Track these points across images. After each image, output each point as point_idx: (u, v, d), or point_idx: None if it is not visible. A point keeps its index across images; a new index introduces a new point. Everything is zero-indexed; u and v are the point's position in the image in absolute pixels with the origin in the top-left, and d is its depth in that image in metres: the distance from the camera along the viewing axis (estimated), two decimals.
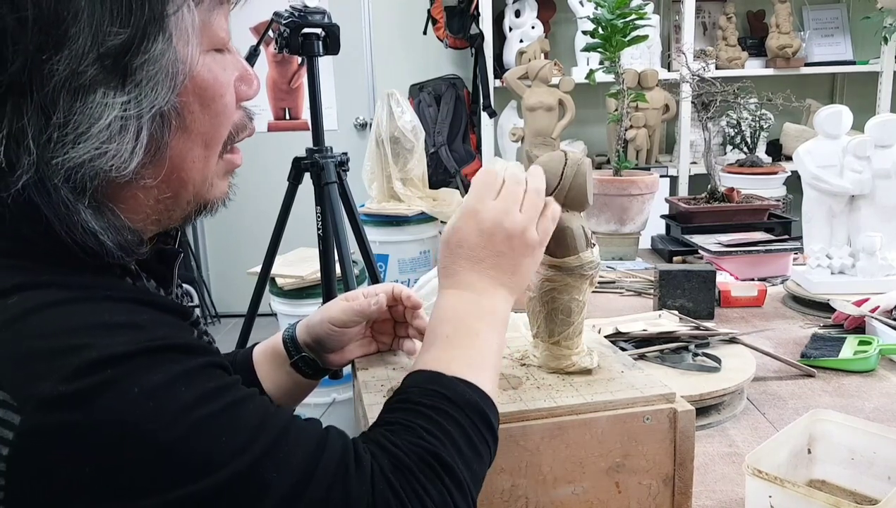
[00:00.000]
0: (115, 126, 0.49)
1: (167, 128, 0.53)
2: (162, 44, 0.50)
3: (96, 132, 0.49)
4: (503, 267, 0.67)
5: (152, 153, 0.53)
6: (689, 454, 0.68)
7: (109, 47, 0.48)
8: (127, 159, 0.51)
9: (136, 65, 0.50)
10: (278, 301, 2.63)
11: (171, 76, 0.51)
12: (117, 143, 0.50)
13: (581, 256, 0.72)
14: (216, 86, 0.56)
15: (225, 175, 0.63)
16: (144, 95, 0.50)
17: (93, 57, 0.48)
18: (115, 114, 0.49)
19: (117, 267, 0.56)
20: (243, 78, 0.60)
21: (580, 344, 0.75)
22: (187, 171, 0.57)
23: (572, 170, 0.71)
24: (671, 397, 0.68)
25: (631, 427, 0.66)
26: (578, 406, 0.67)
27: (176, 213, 0.59)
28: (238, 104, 0.60)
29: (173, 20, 0.51)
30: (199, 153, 0.57)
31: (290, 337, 0.85)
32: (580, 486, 0.66)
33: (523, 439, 0.65)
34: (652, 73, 2.49)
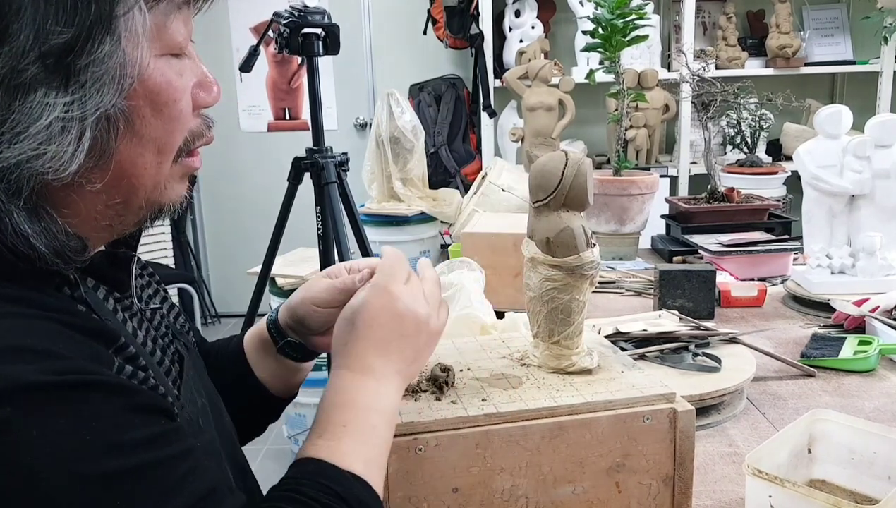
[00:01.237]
0: (55, 127, 0.47)
1: (113, 131, 0.51)
2: (109, 45, 0.48)
3: (34, 132, 0.47)
4: (405, 354, 0.65)
5: (97, 156, 0.51)
6: (689, 454, 0.67)
7: (52, 46, 0.46)
8: (67, 162, 0.48)
9: (80, 65, 0.48)
10: (278, 301, 2.62)
11: (118, 79, 0.49)
12: (57, 145, 0.48)
13: (581, 256, 0.72)
14: (169, 91, 0.54)
15: (182, 178, 0.60)
16: (89, 97, 0.48)
17: (34, 55, 0.46)
18: (56, 114, 0.47)
19: (55, 276, 0.54)
20: (202, 84, 0.58)
21: (580, 344, 0.75)
22: (138, 177, 0.54)
23: (573, 169, 0.71)
24: (671, 397, 0.68)
25: (631, 426, 0.66)
26: (578, 405, 0.67)
27: (128, 218, 0.57)
28: (196, 111, 0.58)
29: (122, 21, 0.49)
30: (151, 158, 0.55)
31: (272, 321, 0.81)
32: (580, 486, 0.66)
33: (523, 439, 0.65)
34: (652, 72, 2.49)
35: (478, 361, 0.78)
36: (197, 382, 0.67)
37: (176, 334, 0.70)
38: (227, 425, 0.72)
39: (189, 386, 0.64)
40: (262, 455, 2.78)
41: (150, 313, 0.67)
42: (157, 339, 0.64)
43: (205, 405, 0.66)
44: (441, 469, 0.64)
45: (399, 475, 0.63)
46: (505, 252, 1.36)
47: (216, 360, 0.83)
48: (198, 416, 0.62)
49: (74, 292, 0.55)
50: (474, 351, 0.81)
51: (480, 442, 0.64)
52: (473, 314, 1.08)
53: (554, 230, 0.72)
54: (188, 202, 0.63)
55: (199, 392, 0.66)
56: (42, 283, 0.52)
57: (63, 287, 0.54)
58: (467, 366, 0.77)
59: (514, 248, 1.36)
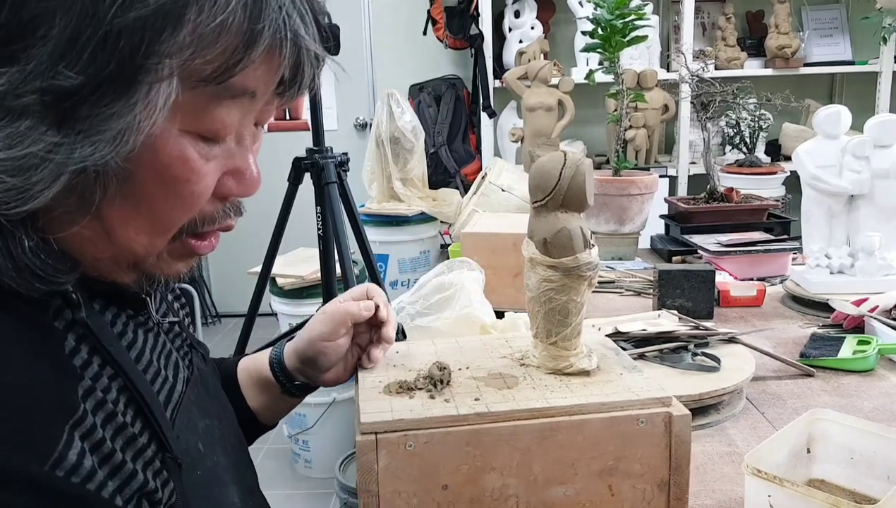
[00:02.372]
0: (28, 161, 0.44)
1: (99, 186, 0.47)
2: (120, 106, 0.44)
3: (1, 158, 0.43)
4: None
5: (74, 203, 0.47)
6: (685, 459, 0.66)
7: (53, 85, 0.43)
8: (23, 200, 0.44)
9: (81, 114, 0.44)
10: (278, 301, 2.63)
11: (119, 141, 0.45)
12: (21, 179, 0.44)
13: (578, 257, 0.71)
14: (182, 169, 0.49)
15: (182, 257, 0.57)
16: (80, 146, 0.44)
17: (35, 86, 0.43)
18: (36, 150, 0.44)
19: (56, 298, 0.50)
20: (239, 173, 0.54)
21: (578, 345, 0.74)
22: (126, 240, 0.51)
23: (570, 170, 0.71)
24: (667, 401, 0.67)
25: (625, 429, 0.66)
26: (571, 407, 0.66)
27: (119, 276, 0.54)
28: (218, 197, 0.54)
29: (145, 89, 0.44)
30: (144, 228, 0.51)
31: (278, 363, 0.82)
32: (572, 488, 0.66)
33: (513, 439, 0.65)
34: (651, 73, 2.49)
35: (477, 360, 0.78)
36: (204, 400, 0.66)
37: (194, 344, 0.69)
38: (234, 442, 0.71)
39: (190, 410, 0.61)
40: (262, 454, 2.78)
41: (168, 325, 0.65)
42: (171, 354, 0.62)
43: (209, 425, 0.64)
44: (431, 466, 0.64)
45: (389, 470, 0.63)
46: (505, 252, 1.37)
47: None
48: (197, 442, 0.60)
49: (76, 315, 0.51)
50: (476, 350, 0.82)
51: (470, 441, 0.64)
52: (473, 314, 1.08)
53: (551, 231, 0.72)
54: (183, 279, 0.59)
55: (203, 412, 0.64)
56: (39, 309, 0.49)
57: (63, 310, 0.51)
58: (466, 365, 0.77)
59: (514, 248, 1.36)
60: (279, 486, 2.55)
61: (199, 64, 0.46)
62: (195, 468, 0.58)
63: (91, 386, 0.49)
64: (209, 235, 0.56)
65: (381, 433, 0.64)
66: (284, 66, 0.51)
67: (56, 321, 0.50)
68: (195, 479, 0.57)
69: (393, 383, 0.72)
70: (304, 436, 2.58)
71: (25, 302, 0.48)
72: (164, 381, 0.59)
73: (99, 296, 0.55)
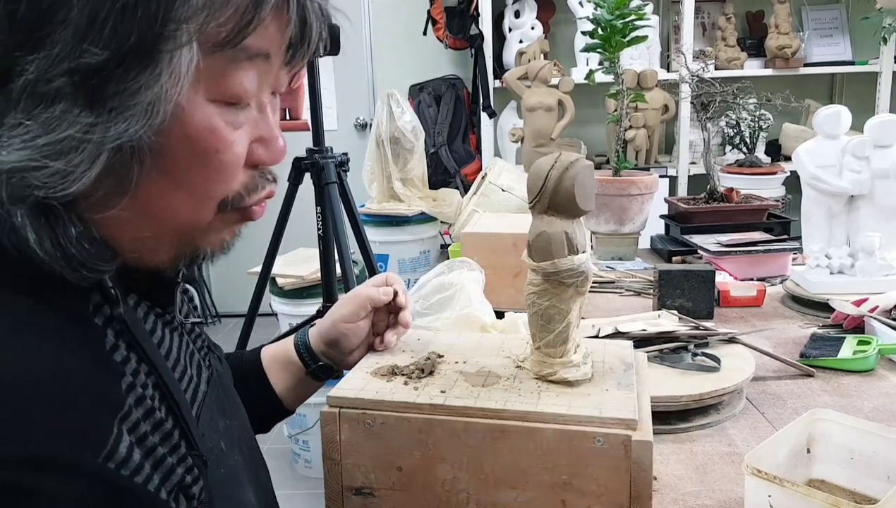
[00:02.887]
0: (67, 144, 0.45)
1: (136, 163, 0.48)
2: (146, 77, 0.45)
3: (41, 144, 0.45)
4: None
5: (113, 184, 0.48)
6: (645, 488, 0.63)
7: (81, 64, 0.44)
8: (69, 182, 0.46)
9: (109, 91, 0.45)
10: (279, 301, 2.63)
11: (150, 113, 0.46)
12: (64, 162, 0.45)
13: (556, 263, 0.70)
14: (211, 139, 0.51)
15: (232, 225, 0.59)
16: (113, 124, 0.46)
17: (63, 68, 0.44)
18: (73, 132, 0.45)
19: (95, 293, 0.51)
20: (265, 141, 0.56)
21: (566, 353, 0.73)
22: (168, 215, 0.52)
23: (557, 172, 0.69)
24: (632, 423, 0.64)
25: (579, 446, 0.63)
26: (525, 413, 0.65)
27: (160, 255, 0.55)
28: (251, 166, 0.56)
29: (167, 57, 0.46)
30: (184, 201, 0.52)
31: (304, 346, 0.86)
32: (524, 495, 0.65)
33: (465, 434, 0.65)
34: (651, 73, 2.49)
35: (479, 357, 0.78)
36: (223, 401, 0.67)
37: (211, 346, 0.70)
38: (249, 443, 0.72)
39: (211, 409, 0.62)
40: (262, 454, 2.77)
41: (190, 327, 0.66)
42: (194, 354, 0.63)
43: (228, 425, 0.65)
44: (387, 446, 0.67)
45: (350, 443, 0.68)
46: (505, 252, 1.37)
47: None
48: (219, 441, 0.61)
49: (114, 310, 0.52)
50: (486, 347, 0.82)
51: (423, 429, 0.66)
52: (473, 314, 1.08)
53: (533, 233, 0.71)
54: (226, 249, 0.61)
55: (223, 412, 0.65)
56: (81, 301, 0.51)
57: (103, 306, 0.52)
58: (464, 360, 0.77)
59: (514, 248, 1.36)
60: (279, 486, 2.54)
61: (214, 28, 0.47)
62: (219, 466, 0.58)
63: (132, 382, 0.51)
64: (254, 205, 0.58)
65: (343, 407, 0.69)
66: (293, 24, 0.52)
67: (95, 317, 0.51)
68: (219, 477, 0.58)
69: (386, 366, 0.75)
70: (304, 436, 2.58)
71: (69, 295, 0.50)
72: (190, 380, 0.60)
73: (132, 292, 0.57)
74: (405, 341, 0.84)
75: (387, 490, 0.68)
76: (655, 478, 0.83)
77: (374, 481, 0.68)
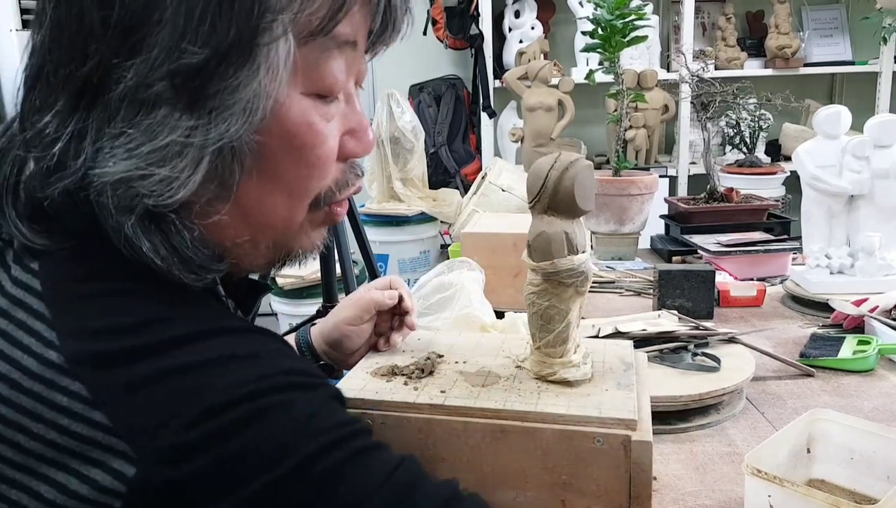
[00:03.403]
0: (171, 149, 0.45)
1: (237, 165, 0.48)
2: (245, 74, 0.45)
3: (146, 151, 0.44)
4: None
5: (217, 187, 0.48)
6: (645, 489, 0.63)
7: (182, 65, 0.43)
8: (175, 188, 0.45)
9: (210, 91, 0.44)
10: (278, 301, 2.63)
11: (249, 111, 0.46)
12: (169, 168, 0.45)
13: (556, 263, 0.69)
14: (308, 134, 0.50)
15: (321, 225, 0.58)
16: (214, 125, 0.45)
17: (163, 71, 0.43)
18: (176, 137, 0.44)
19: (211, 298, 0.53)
20: (355, 133, 0.55)
21: (566, 353, 0.73)
22: (266, 217, 0.52)
23: (557, 172, 0.68)
24: (632, 424, 0.64)
25: (579, 446, 0.63)
26: (524, 413, 0.65)
27: (256, 260, 0.55)
28: (343, 160, 0.55)
29: (264, 51, 0.45)
30: (281, 201, 0.52)
31: (305, 344, 0.86)
32: (523, 494, 0.65)
33: (465, 434, 0.65)
34: (651, 73, 2.49)
35: (477, 356, 0.78)
36: None
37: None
38: None
39: None
40: None
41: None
42: None
43: None
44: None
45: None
46: (505, 252, 1.37)
47: None
48: None
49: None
50: (486, 347, 0.82)
51: (423, 429, 0.66)
52: (473, 314, 1.08)
53: (532, 233, 0.71)
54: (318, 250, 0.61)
55: None
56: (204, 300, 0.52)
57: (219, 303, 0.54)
58: (464, 360, 0.77)
59: (514, 248, 1.36)
60: None
61: (307, 16, 0.46)
62: None
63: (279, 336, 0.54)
64: (343, 202, 0.58)
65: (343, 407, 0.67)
66: (380, 10, 0.52)
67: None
68: None
69: (386, 366, 0.75)
70: None
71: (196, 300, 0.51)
72: None
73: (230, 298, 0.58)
74: (405, 341, 0.85)
75: None
76: (655, 478, 0.83)
77: None
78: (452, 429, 0.65)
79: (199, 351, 0.46)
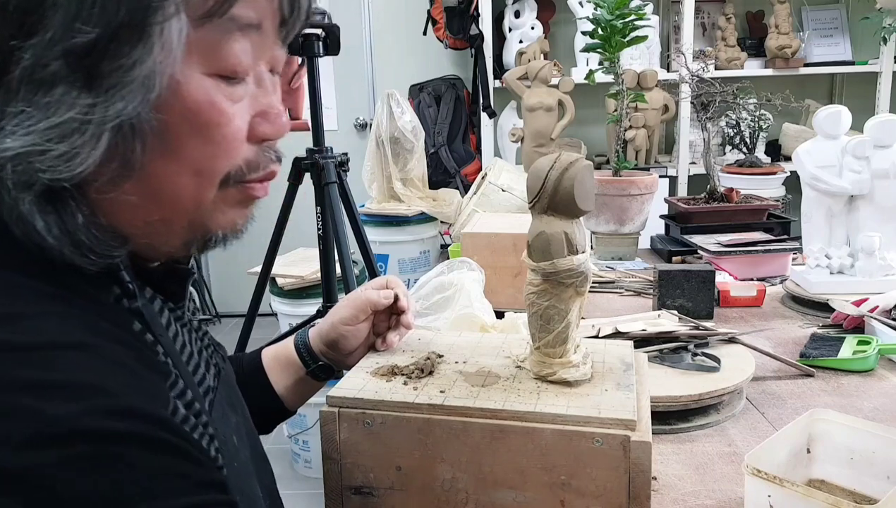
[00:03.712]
0: (69, 126, 0.46)
1: (139, 142, 0.48)
2: (140, 52, 0.46)
3: (44, 127, 0.45)
4: None
5: (119, 165, 0.48)
6: (644, 489, 0.63)
7: (75, 45, 0.45)
8: (74, 164, 0.46)
9: (104, 69, 0.46)
10: (278, 301, 2.63)
11: (146, 88, 0.47)
12: (67, 144, 0.46)
13: (556, 263, 0.70)
14: (212, 113, 0.51)
15: (238, 204, 0.57)
16: (111, 102, 0.46)
17: (58, 51, 0.45)
18: (73, 114, 0.46)
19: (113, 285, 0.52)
20: (266, 115, 0.55)
21: (565, 354, 0.73)
22: (175, 195, 0.52)
23: (556, 173, 0.69)
24: (631, 424, 0.64)
25: (578, 446, 0.63)
26: (523, 413, 0.65)
27: (172, 240, 0.55)
28: (254, 141, 0.55)
29: (157, 30, 0.46)
30: (188, 179, 0.52)
31: (303, 345, 0.87)
32: (522, 494, 0.65)
33: (464, 434, 0.65)
34: (651, 73, 2.49)
35: (477, 356, 0.78)
36: (231, 397, 0.67)
37: (215, 344, 0.71)
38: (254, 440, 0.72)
39: (222, 404, 0.63)
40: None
41: (198, 324, 0.67)
42: (202, 351, 0.64)
43: (238, 422, 0.65)
44: (386, 446, 0.67)
45: (350, 443, 0.68)
46: (505, 252, 1.37)
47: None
48: (231, 435, 0.61)
49: (132, 304, 0.53)
50: (486, 347, 0.82)
51: (422, 429, 0.66)
52: (473, 314, 1.08)
53: (532, 233, 0.71)
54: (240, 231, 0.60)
55: (232, 407, 0.66)
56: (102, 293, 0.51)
57: (122, 299, 0.52)
58: (464, 360, 0.77)
59: (514, 248, 1.36)
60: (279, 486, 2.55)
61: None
62: (233, 460, 0.59)
63: (165, 361, 0.53)
64: (263, 181, 0.58)
65: (343, 407, 0.69)
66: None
67: (117, 306, 0.52)
68: (233, 471, 0.58)
69: (386, 366, 0.75)
70: (304, 436, 2.58)
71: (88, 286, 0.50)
72: (203, 376, 0.61)
73: (147, 286, 0.57)
74: (405, 341, 0.85)
75: (386, 490, 0.68)
76: (655, 478, 0.83)
77: (374, 480, 0.68)
78: (452, 429, 0.65)
79: (33, 363, 0.42)
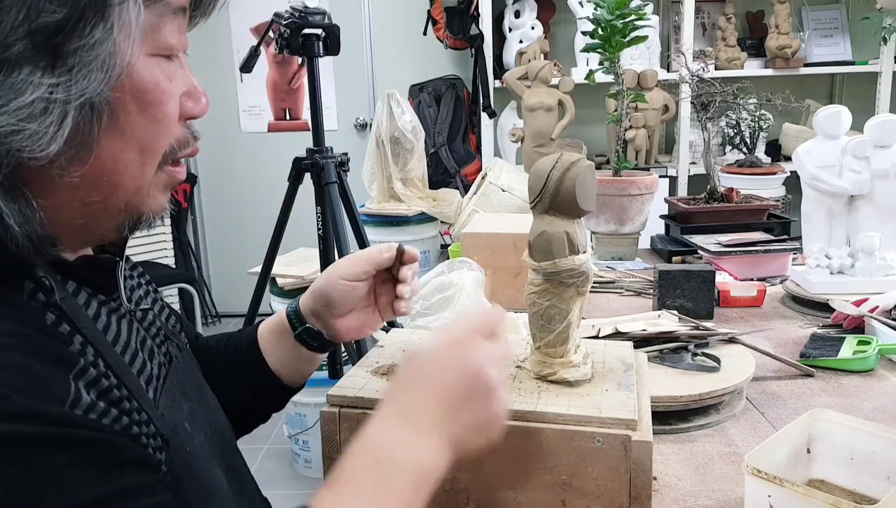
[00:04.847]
0: (37, 106, 0.47)
1: (97, 122, 0.50)
2: (101, 32, 0.48)
3: (14, 108, 0.46)
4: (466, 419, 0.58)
5: (77, 145, 0.50)
6: (645, 488, 0.63)
7: (41, 24, 0.46)
8: (46, 143, 0.48)
9: (69, 48, 0.47)
10: (278, 301, 2.63)
11: (106, 67, 0.49)
12: (37, 124, 0.47)
13: (557, 263, 0.70)
14: (156, 92, 0.54)
15: (165, 188, 0.60)
16: (74, 82, 0.48)
17: (23, 31, 0.46)
18: (40, 94, 0.47)
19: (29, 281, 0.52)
20: (191, 94, 0.58)
21: (566, 354, 0.73)
22: (119, 176, 0.54)
23: (558, 173, 0.69)
24: (632, 424, 0.64)
25: (579, 446, 0.63)
26: (525, 413, 0.65)
27: (106, 222, 0.56)
28: (183, 119, 0.58)
29: (117, 11, 0.48)
30: (133, 158, 0.54)
31: (293, 310, 0.85)
32: (523, 495, 0.65)
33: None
34: (651, 73, 2.49)
35: None
36: (185, 386, 0.67)
37: (168, 335, 0.70)
38: (219, 426, 0.73)
39: (172, 392, 0.63)
40: (262, 454, 2.77)
41: (142, 314, 0.67)
42: (146, 341, 0.64)
43: (192, 409, 0.66)
44: None
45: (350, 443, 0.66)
46: (505, 252, 1.37)
47: (226, 350, 0.87)
48: (183, 422, 0.62)
49: (49, 298, 0.53)
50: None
51: None
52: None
53: (534, 233, 0.71)
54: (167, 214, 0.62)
55: (186, 396, 0.66)
56: (12, 289, 0.52)
57: (37, 293, 0.53)
58: None
59: (514, 248, 1.36)
60: (279, 486, 2.55)
61: None
62: (184, 445, 0.59)
63: (81, 350, 0.52)
64: (181, 162, 0.61)
65: (344, 406, 0.68)
66: None
67: (31, 302, 0.53)
68: (185, 455, 0.58)
69: (386, 365, 0.75)
70: (304, 436, 2.58)
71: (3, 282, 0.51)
72: (143, 364, 0.61)
73: (71, 279, 0.58)
74: (405, 341, 0.84)
75: None
76: (655, 478, 0.83)
77: None
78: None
79: None
